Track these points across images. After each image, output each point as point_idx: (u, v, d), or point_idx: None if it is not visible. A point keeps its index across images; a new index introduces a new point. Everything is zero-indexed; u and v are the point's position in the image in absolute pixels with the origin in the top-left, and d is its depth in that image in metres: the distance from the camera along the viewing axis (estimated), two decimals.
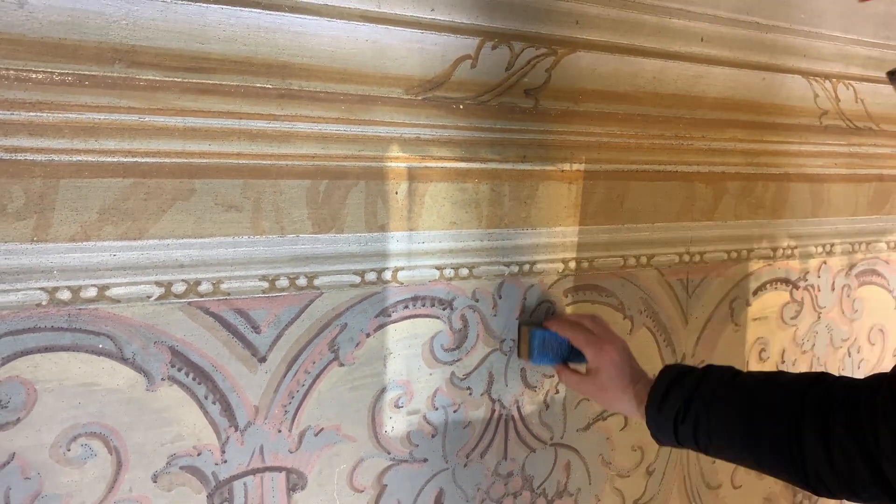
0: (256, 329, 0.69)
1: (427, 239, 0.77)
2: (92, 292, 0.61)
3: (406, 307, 0.77)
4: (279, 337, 0.70)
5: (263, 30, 0.65)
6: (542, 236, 0.85)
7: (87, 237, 0.61)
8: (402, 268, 0.77)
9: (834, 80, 1.09)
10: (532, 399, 0.88)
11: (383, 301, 0.76)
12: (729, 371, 0.70)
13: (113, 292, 0.62)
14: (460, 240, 0.80)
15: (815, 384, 0.62)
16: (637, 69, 0.89)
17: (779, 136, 1.05)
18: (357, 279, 0.74)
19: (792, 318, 1.12)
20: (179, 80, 0.63)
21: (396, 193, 0.75)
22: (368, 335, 0.75)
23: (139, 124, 0.62)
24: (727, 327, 1.05)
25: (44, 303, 0.60)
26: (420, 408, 0.80)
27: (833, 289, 1.17)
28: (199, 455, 0.68)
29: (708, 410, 0.67)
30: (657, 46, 0.90)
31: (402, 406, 0.79)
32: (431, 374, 0.80)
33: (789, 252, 1.10)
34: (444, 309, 0.80)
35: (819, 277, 1.14)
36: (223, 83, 0.65)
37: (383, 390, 0.77)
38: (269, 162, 0.68)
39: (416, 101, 0.74)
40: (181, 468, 0.67)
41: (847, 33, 1.08)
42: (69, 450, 0.62)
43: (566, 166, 0.85)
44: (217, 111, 0.65)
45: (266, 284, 0.69)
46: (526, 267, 0.85)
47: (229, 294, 0.67)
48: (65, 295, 0.60)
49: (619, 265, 0.92)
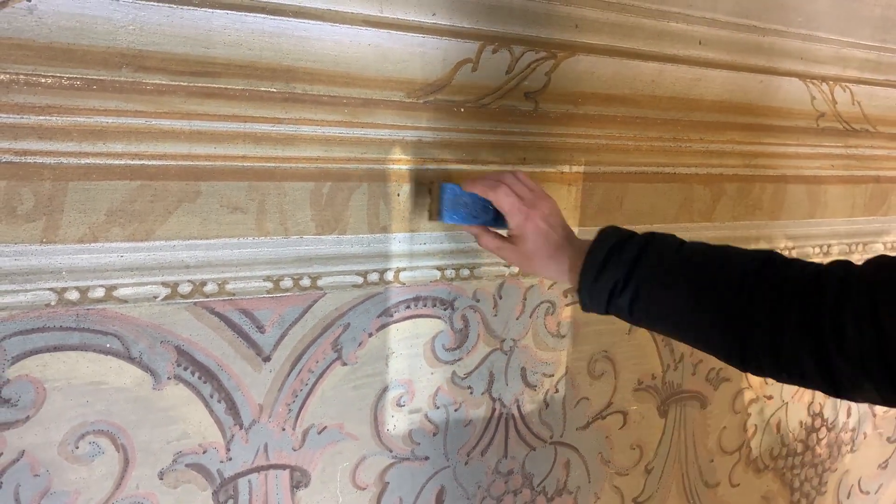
0: (261, 329, 0.70)
1: (428, 240, 0.79)
2: (100, 293, 0.62)
3: (408, 307, 0.79)
4: (283, 336, 0.71)
5: (268, 34, 0.67)
6: None
7: (95, 238, 0.62)
8: (404, 268, 0.78)
9: (831, 83, 1.10)
10: (532, 398, 0.89)
11: (385, 301, 0.77)
12: (673, 242, 0.64)
13: (120, 293, 0.63)
14: (461, 241, 0.81)
15: (767, 265, 0.57)
16: (636, 72, 0.90)
17: (776, 139, 1.06)
18: (360, 280, 0.75)
19: None
20: (185, 84, 0.64)
21: (398, 195, 0.76)
22: (371, 335, 0.77)
23: (146, 127, 0.63)
24: None
25: (53, 303, 0.61)
26: (421, 406, 0.81)
27: None
28: (205, 453, 0.69)
29: (649, 286, 0.62)
30: (655, 50, 0.91)
31: (404, 405, 0.80)
32: (433, 374, 0.81)
33: (787, 253, 1.11)
34: (446, 309, 0.81)
35: None
36: (228, 87, 0.66)
37: (385, 389, 0.78)
38: (274, 164, 0.69)
39: (418, 105, 0.75)
40: (187, 466, 0.68)
41: (844, 36, 1.09)
42: (77, 447, 0.63)
43: (566, 168, 0.86)
44: (222, 114, 0.66)
45: (270, 285, 0.70)
46: None
47: (234, 294, 0.68)
48: (73, 295, 0.61)
49: None
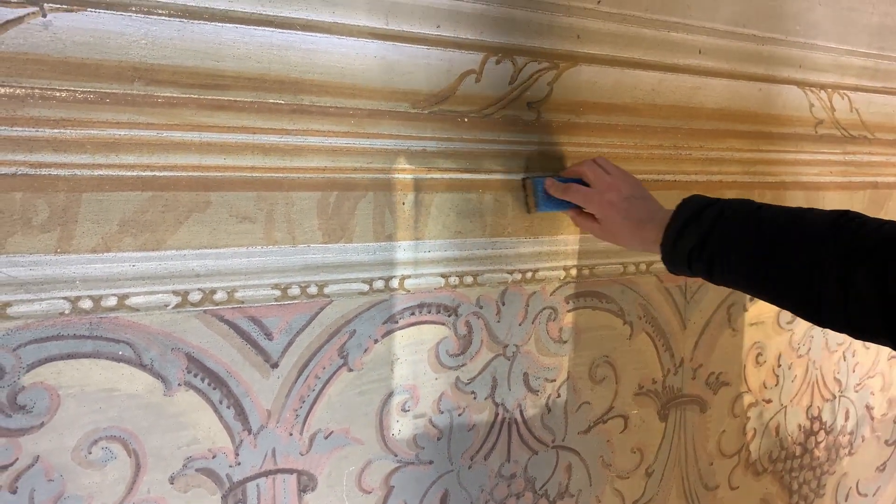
0: (269, 336, 0.71)
1: (433, 248, 0.80)
2: (112, 301, 0.64)
3: (412, 314, 0.80)
4: (291, 343, 0.73)
5: (276, 47, 0.68)
6: (545, 244, 0.88)
7: (108, 248, 0.63)
8: (409, 276, 0.79)
9: (829, 90, 1.11)
10: (534, 403, 0.90)
11: (390, 308, 0.78)
12: (748, 207, 0.67)
13: (132, 301, 0.65)
14: (465, 248, 0.82)
15: (840, 228, 0.59)
16: (636, 81, 0.91)
17: (775, 146, 1.07)
18: (365, 287, 0.76)
19: (788, 323, 1.15)
20: (196, 97, 0.65)
21: (403, 204, 0.77)
22: (376, 341, 0.78)
23: (157, 140, 0.64)
24: (724, 332, 1.07)
25: (66, 312, 0.62)
26: (426, 411, 0.82)
27: None
28: (214, 458, 0.70)
29: (724, 250, 0.65)
30: (656, 59, 0.92)
31: (409, 410, 0.81)
32: (437, 379, 0.83)
33: None
34: (450, 315, 0.82)
35: None
36: (238, 99, 0.67)
37: (390, 394, 0.80)
38: (282, 175, 0.70)
39: (423, 115, 0.77)
40: (197, 470, 0.69)
41: (842, 44, 1.10)
42: (90, 453, 0.64)
43: None
44: (232, 126, 0.67)
45: (278, 293, 0.71)
46: (528, 274, 0.87)
47: (243, 302, 0.70)
48: (86, 304, 0.63)
49: (619, 272, 0.95)
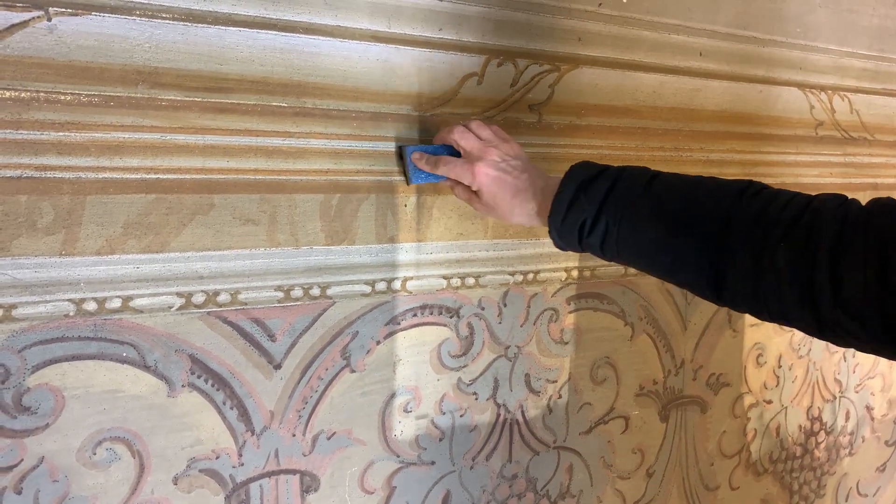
0: (272, 337, 0.72)
1: (435, 250, 0.80)
2: (116, 303, 0.64)
3: (414, 315, 0.80)
4: (293, 345, 0.73)
5: (279, 51, 0.68)
6: (546, 246, 0.88)
7: (112, 251, 0.64)
8: (411, 277, 0.79)
9: (829, 92, 1.12)
10: (536, 404, 0.91)
11: (393, 310, 0.79)
12: (644, 176, 0.60)
13: (136, 303, 0.65)
14: (467, 250, 0.82)
15: (748, 198, 0.54)
16: (637, 84, 0.92)
17: (775, 147, 1.08)
18: (368, 289, 0.77)
19: None
20: (199, 100, 0.66)
21: (405, 206, 0.78)
22: (378, 342, 0.78)
23: (161, 142, 0.64)
24: (725, 333, 1.08)
25: (71, 314, 0.62)
26: (428, 412, 0.83)
27: None
28: (218, 458, 0.70)
29: (618, 225, 0.59)
30: (657, 61, 0.92)
31: (411, 411, 0.82)
32: (439, 380, 0.83)
33: None
34: (451, 317, 0.83)
35: None
36: (241, 102, 0.67)
37: (393, 396, 0.80)
38: (285, 177, 0.70)
39: (425, 118, 0.77)
40: (200, 471, 0.70)
41: (842, 46, 1.10)
42: (95, 453, 0.65)
43: None
44: (235, 129, 0.67)
45: (281, 294, 0.72)
46: (530, 276, 0.88)
47: (246, 304, 0.70)
48: (91, 306, 0.63)
49: (620, 273, 0.95)
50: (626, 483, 1.02)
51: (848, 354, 1.25)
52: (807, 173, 1.12)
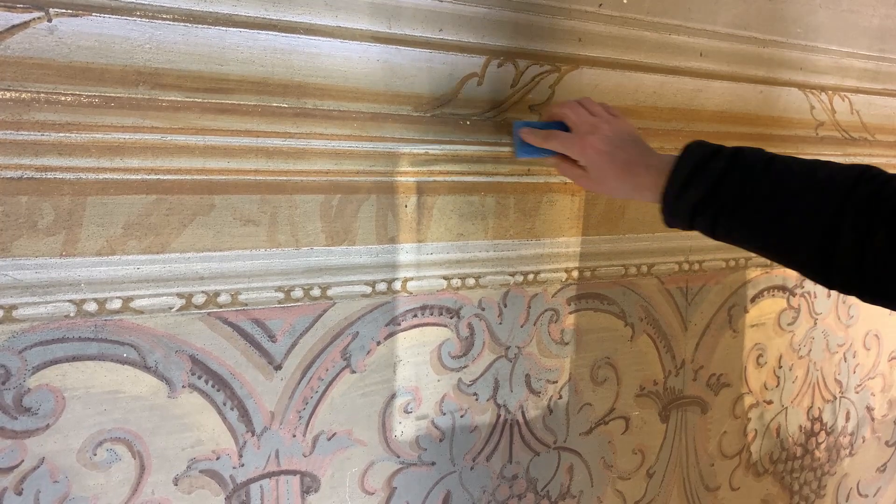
0: (272, 338, 0.72)
1: (435, 250, 0.80)
2: (117, 304, 0.64)
3: (415, 316, 0.80)
4: (294, 345, 0.73)
5: (279, 51, 0.68)
6: (546, 247, 0.88)
7: (113, 251, 0.64)
8: (411, 278, 0.79)
9: (830, 93, 1.12)
10: (536, 404, 0.91)
11: (393, 310, 0.79)
12: (761, 159, 0.61)
13: (137, 304, 0.65)
14: (467, 251, 0.82)
15: (864, 182, 0.55)
16: (638, 84, 0.91)
17: (776, 148, 1.07)
18: (368, 289, 0.77)
19: (789, 325, 1.15)
20: (200, 101, 0.66)
21: (406, 207, 0.78)
22: (379, 343, 0.78)
23: (162, 143, 0.64)
24: (725, 333, 1.08)
25: (72, 314, 0.62)
26: (428, 413, 0.83)
27: (829, 296, 1.19)
28: (218, 459, 0.70)
29: (733, 206, 0.60)
30: (657, 62, 0.92)
31: (411, 411, 0.82)
32: (439, 381, 0.83)
33: None
34: (452, 317, 0.83)
35: (815, 285, 1.17)
36: (241, 103, 0.67)
37: (393, 396, 0.80)
38: (285, 178, 0.70)
39: (425, 118, 0.77)
40: (201, 472, 0.70)
41: (843, 46, 1.10)
42: (95, 454, 0.65)
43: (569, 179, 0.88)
44: (235, 130, 0.67)
45: (282, 295, 0.72)
46: (530, 276, 0.88)
47: (247, 305, 0.70)
48: (91, 307, 0.63)
49: (621, 274, 0.95)
50: (627, 483, 1.02)
51: (848, 355, 1.25)
52: None
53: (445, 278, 0.82)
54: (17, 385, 0.61)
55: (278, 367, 0.72)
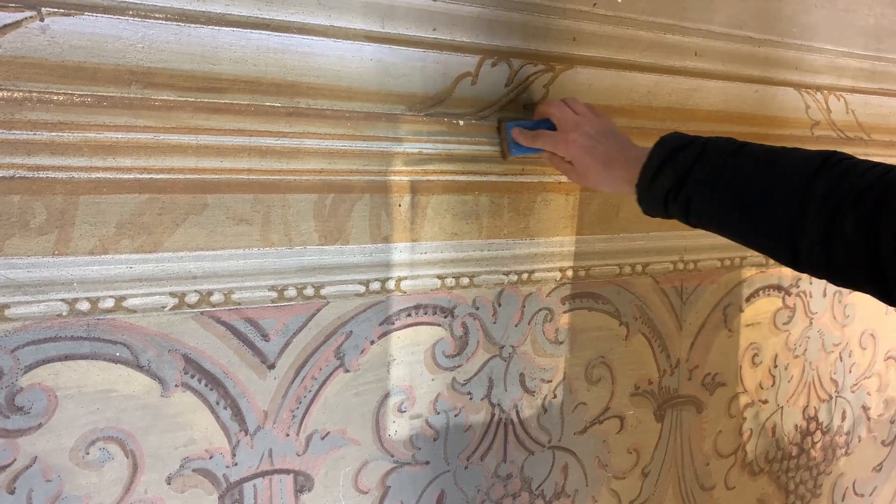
0: (265, 337, 0.72)
1: (429, 249, 0.80)
2: (109, 303, 0.64)
3: (409, 315, 0.80)
4: (287, 345, 0.73)
5: (272, 51, 0.68)
6: (541, 246, 0.88)
7: (105, 251, 0.64)
8: (405, 277, 0.79)
9: (825, 92, 1.12)
10: (530, 403, 0.91)
11: (387, 309, 0.79)
12: (730, 147, 0.63)
13: (129, 303, 0.65)
14: (461, 250, 0.83)
15: (825, 170, 0.55)
16: (632, 84, 0.92)
17: None
18: (362, 289, 0.77)
19: (784, 324, 1.15)
20: (193, 100, 0.66)
21: (400, 206, 0.78)
22: (373, 342, 0.78)
23: (154, 142, 0.64)
24: (720, 333, 1.08)
25: (64, 313, 0.63)
26: (422, 412, 0.83)
27: (825, 295, 1.19)
28: (211, 458, 0.71)
29: (702, 193, 0.62)
30: (652, 61, 0.92)
31: (405, 410, 0.82)
32: (433, 380, 0.83)
33: None
34: (446, 317, 0.83)
35: (811, 284, 1.17)
36: (234, 102, 0.67)
37: (387, 395, 0.80)
38: (278, 177, 0.70)
39: (419, 118, 0.77)
40: (194, 471, 0.70)
41: (838, 46, 1.10)
42: (88, 453, 0.65)
43: (564, 178, 0.88)
44: (228, 129, 0.67)
45: (275, 294, 0.72)
46: (525, 276, 0.88)
47: (240, 304, 0.70)
48: (84, 306, 0.63)
49: (615, 273, 0.95)
50: (622, 483, 1.02)
51: (844, 354, 1.25)
52: None
53: (439, 277, 0.82)
54: (10, 384, 0.61)
55: (272, 367, 0.73)
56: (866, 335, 1.28)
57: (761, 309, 1.12)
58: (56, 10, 0.59)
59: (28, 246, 0.61)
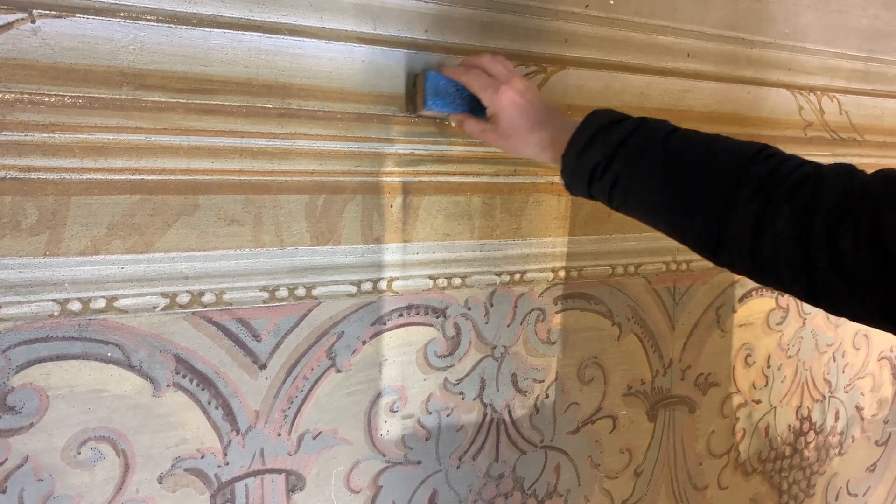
0: (257, 337, 0.72)
1: (421, 250, 0.81)
2: (101, 303, 0.65)
3: (401, 315, 0.81)
4: (279, 345, 0.73)
5: (264, 52, 0.69)
6: (533, 246, 0.88)
7: (97, 251, 0.64)
8: (397, 278, 0.80)
9: (818, 93, 1.12)
10: (523, 403, 0.91)
11: (379, 310, 0.79)
12: (663, 129, 0.61)
13: (121, 303, 0.65)
14: (453, 250, 0.83)
15: (762, 158, 0.54)
16: (625, 85, 0.92)
17: None
18: (353, 289, 0.77)
19: (777, 324, 1.16)
20: (184, 102, 0.66)
21: (391, 207, 0.78)
22: (364, 342, 0.79)
23: (146, 144, 0.65)
24: (713, 333, 1.08)
25: (56, 314, 0.63)
26: (414, 412, 0.83)
27: None
28: (203, 458, 0.71)
29: (629, 172, 0.60)
30: (644, 63, 0.93)
31: (397, 410, 0.82)
32: (425, 380, 0.83)
33: None
34: (438, 317, 0.83)
35: None
36: (226, 104, 0.68)
37: (379, 395, 0.81)
38: (270, 178, 0.71)
39: (411, 119, 0.77)
40: (185, 470, 0.70)
41: (831, 47, 1.11)
42: (79, 453, 0.65)
43: (556, 179, 0.88)
44: (220, 130, 0.68)
45: (266, 295, 0.72)
46: (517, 276, 0.88)
47: (231, 304, 0.70)
48: (75, 306, 0.64)
49: (608, 274, 0.95)
50: (614, 482, 1.02)
51: (837, 354, 1.26)
52: None
53: (431, 278, 0.82)
54: (1, 384, 0.61)
55: (263, 367, 0.73)
56: (860, 335, 1.28)
57: (754, 309, 1.12)
58: (47, 12, 0.60)
59: (19, 246, 0.61)
